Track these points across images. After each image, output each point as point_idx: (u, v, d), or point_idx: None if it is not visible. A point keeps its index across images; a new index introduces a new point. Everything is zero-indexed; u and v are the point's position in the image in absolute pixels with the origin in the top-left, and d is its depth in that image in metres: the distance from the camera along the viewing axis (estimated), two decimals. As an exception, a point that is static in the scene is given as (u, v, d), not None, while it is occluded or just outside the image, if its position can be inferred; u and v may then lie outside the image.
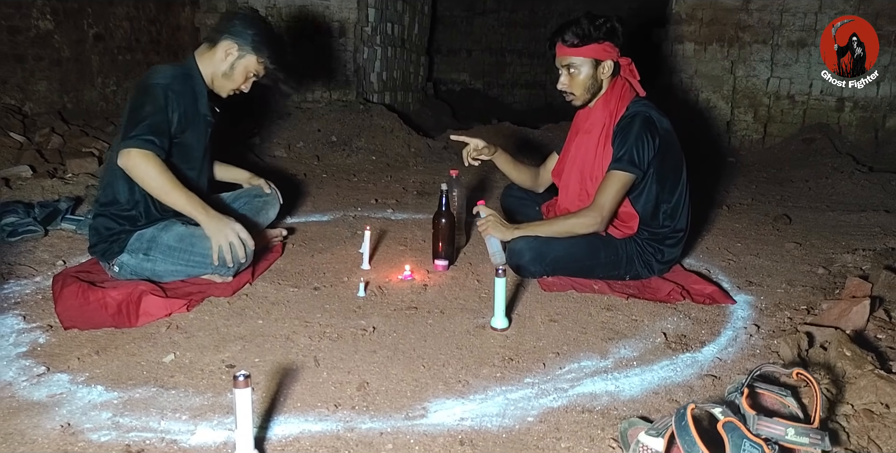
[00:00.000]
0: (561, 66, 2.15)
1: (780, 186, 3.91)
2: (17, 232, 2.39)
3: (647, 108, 2.13)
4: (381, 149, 4.48)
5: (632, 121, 2.10)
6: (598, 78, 2.14)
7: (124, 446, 1.26)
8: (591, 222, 2.10)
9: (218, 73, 2.13)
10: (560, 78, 2.16)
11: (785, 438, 1.15)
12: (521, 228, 2.17)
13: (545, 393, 1.51)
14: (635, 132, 2.08)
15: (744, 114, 5.03)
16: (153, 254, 2.02)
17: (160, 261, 2.02)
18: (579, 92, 2.16)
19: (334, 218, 3.04)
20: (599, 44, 2.08)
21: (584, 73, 2.12)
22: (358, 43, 5.01)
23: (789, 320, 1.93)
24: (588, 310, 1.99)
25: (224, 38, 2.10)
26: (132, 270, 2.02)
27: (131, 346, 1.68)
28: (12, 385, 1.47)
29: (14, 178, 3.00)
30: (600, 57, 2.10)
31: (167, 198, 1.95)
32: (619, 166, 2.08)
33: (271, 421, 1.36)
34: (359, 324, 1.86)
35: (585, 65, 2.11)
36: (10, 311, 1.86)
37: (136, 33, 4.63)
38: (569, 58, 2.12)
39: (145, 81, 2.01)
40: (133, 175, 1.93)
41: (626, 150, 2.07)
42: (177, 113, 2.01)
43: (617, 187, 2.08)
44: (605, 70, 2.13)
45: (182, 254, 2.02)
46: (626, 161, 2.07)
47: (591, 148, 2.19)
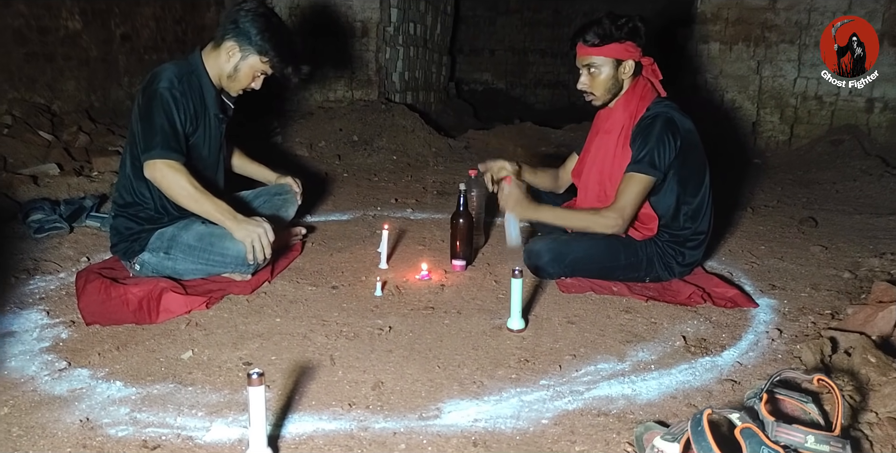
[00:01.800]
0: (581, 66, 2.13)
1: (807, 188, 3.83)
2: (44, 228, 2.44)
3: (668, 109, 2.10)
4: (402, 148, 4.49)
5: (652, 122, 2.07)
6: (619, 78, 2.12)
7: (141, 441, 1.27)
8: (610, 223, 2.07)
9: (223, 74, 2.11)
10: (580, 78, 2.15)
11: (804, 446, 1.13)
12: (540, 210, 2.16)
13: (561, 395, 1.50)
14: (656, 133, 2.05)
15: (770, 115, 4.94)
16: (174, 253, 2.04)
17: (180, 259, 2.04)
18: (599, 92, 2.14)
19: (354, 217, 3.05)
20: (621, 43, 2.06)
21: (604, 73, 2.10)
22: (380, 43, 5.03)
23: (813, 325, 1.89)
24: (606, 313, 1.97)
25: (227, 39, 2.07)
26: (153, 268, 2.05)
27: (151, 343, 1.71)
28: (35, 379, 1.50)
29: (42, 176, 3.06)
30: (621, 57, 2.08)
31: (196, 206, 1.98)
32: (639, 168, 2.05)
33: (286, 419, 1.37)
34: (375, 323, 1.86)
35: (606, 65, 2.09)
36: (35, 307, 1.90)
37: (161, 33, 4.69)
38: (589, 57, 2.10)
39: (151, 86, 1.99)
40: (161, 186, 1.96)
41: (646, 152, 2.05)
42: (186, 114, 2.02)
43: (637, 189, 2.06)
44: (626, 70, 2.10)
45: (202, 253, 2.04)
46: (645, 163, 2.04)
47: (611, 148, 2.16)
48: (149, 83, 2.01)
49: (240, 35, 2.06)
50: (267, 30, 2.06)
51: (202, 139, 2.12)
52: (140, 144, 1.97)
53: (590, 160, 2.25)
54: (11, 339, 1.69)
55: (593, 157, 2.23)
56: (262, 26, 2.06)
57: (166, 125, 1.95)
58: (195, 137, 2.09)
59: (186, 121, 2.03)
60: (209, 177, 2.17)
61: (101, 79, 4.22)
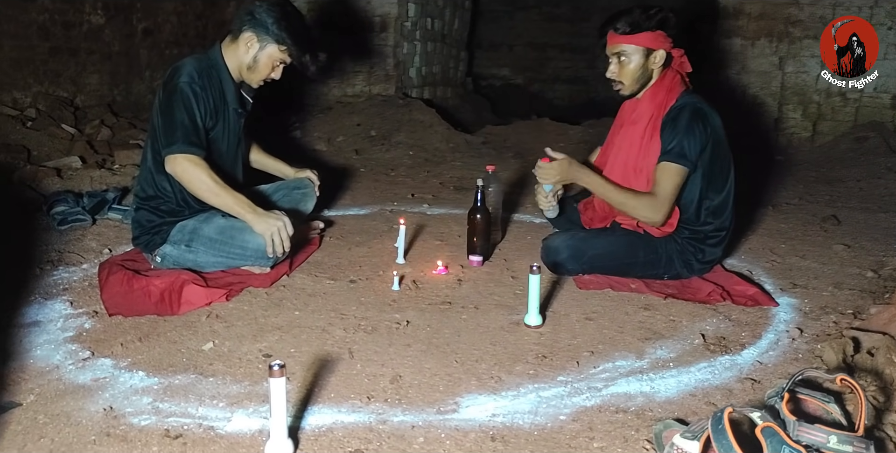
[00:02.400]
0: (611, 55, 2.10)
1: (830, 186, 3.78)
2: (67, 220, 2.48)
3: (697, 101, 2.08)
4: (419, 143, 4.49)
5: (681, 112, 2.04)
6: (649, 68, 2.09)
7: (163, 430, 1.29)
8: (650, 213, 2.03)
9: (243, 66, 2.13)
10: (609, 66, 2.11)
11: (827, 446, 1.12)
12: (588, 174, 2.08)
13: (578, 391, 1.50)
14: (685, 124, 2.02)
15: (792, 112, 4.87)
16: (195, 246, 2.06)
17: (201, 252, 2.07)
18: (628, 81, 2.10)
19: (372, 212, 3.06)
20: (652, 32, 2.03)
21: (634, 61, 2.07)
22: (398, 38, 5.03)
23: (835, 324, 1.87)
24: (625, 309, 1.96)
25: (244, 30, 2.09)
26: (174, 261, 2.07)
27: (172, 334, 1.73)
28: (59, 368, 1.53)
29: (65, 169, 3.10)
30: (652, 46, 2.05)
31: (216, 200, 2.00)
32: (670, 158, 2.02)
33: (305, 411, 1.38)
34: (393, 317, 1.87)
35: (636, 53, 2.06)
36: (59, 297, 1.93)
37: (183, 28, 4.73)
38: (620, 45, 2.07)
39: (172, 81, 2.02)
40: (181, 180, 1.99)
41: (676, 142, 2.01)
42: (206, 109, 2.04)
43: (674, 180, 2.02)
44: (657, 60, 2.07)
45: (222, 245, 2.06)
46: (675, 153, 2.01)
47: (636, 140, 2.13)
48: (169, 78, 2.03)
49: (257, 25, 2.08)
50: (283, 18, 2.09)
51: (221, 134, 2.14)
52: (161, 139, 1.99)
53: (614, 152, 2.22)
54: (37, 329, 1.72)
55: (618, 149, 2.20)
56: (278, 15, 2.08)
57: (186, 120, 1.98)
58: (214, 132, 2.11)
59: (206, 116, 2.05)
60: (228, 171, 2.19)
61: (124, 73, 4.27)
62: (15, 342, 1.64)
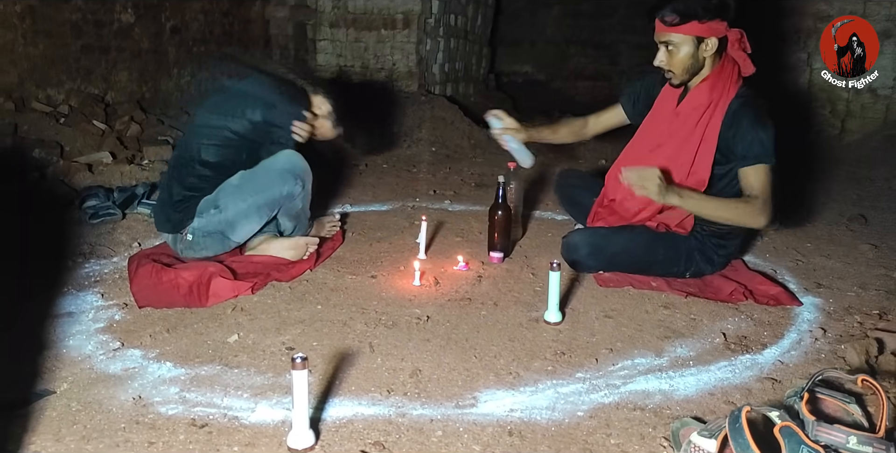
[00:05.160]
0: (659, 42, 1.99)
1: (858, 185, 3.71)
2: (98, 214, 2.55)
3: (754, 97, 2.00)
4: (441, 140, 4.50)
5: (745, 107, 1.96)
6: (700, 56, 1.97)
7: (190, 420, 1.33)
8: (755, 219, 1.93)
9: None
10: (658, 54, 2.01)
11: (846, 446, 1.11)
12: (683, 197, 1.92)
13: (596, 388, 1.51)
14: (757, 119, 1.93)
15: (820, 109, 4.79)
16: (222, 203, 2.11)
17: (230, 205, 2.10)
18: (679, 70, 2.00)
19: (393, 208, 3.09)
20: (702, 22, 1.91)
21: (683, 51, 1.95)
22: (421, 34, 5.04)
23: (859, 325, 1.85)
24: (645, 308, 1.96)
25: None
26: (204, 231, 2.11)
27: (199, 326, 1.77)
28: (91, 358, 1.58)
29: (96, 164, 3.18)
30: (703, 34, 1.93)
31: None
32: (757, 160, 1.92)
33: (326, 403, 1.41)
34: (413, 312, 1.90)
35: (686, 43, 1.94)
36: (91, 289, 1.99)
37: (210, 26, 4.80)
38: (667, 34, 1.95)
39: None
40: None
41: (753, 141, 1.93)
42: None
43: (767, 179, 1.91)
44: (709, 48, 1.95)
45: (248, 184, 2.11)
46: (759, 153, 1.92)
47: (684, 133, 2.04)
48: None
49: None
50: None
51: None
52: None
53: (654, 145, 2.12)
54: (69, 320, 1.78)
55: (666, 138, 2.09)
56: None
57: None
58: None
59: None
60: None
61: (152, 70, 4.36)
62: (49, 332, 1.70)
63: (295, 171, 2.15)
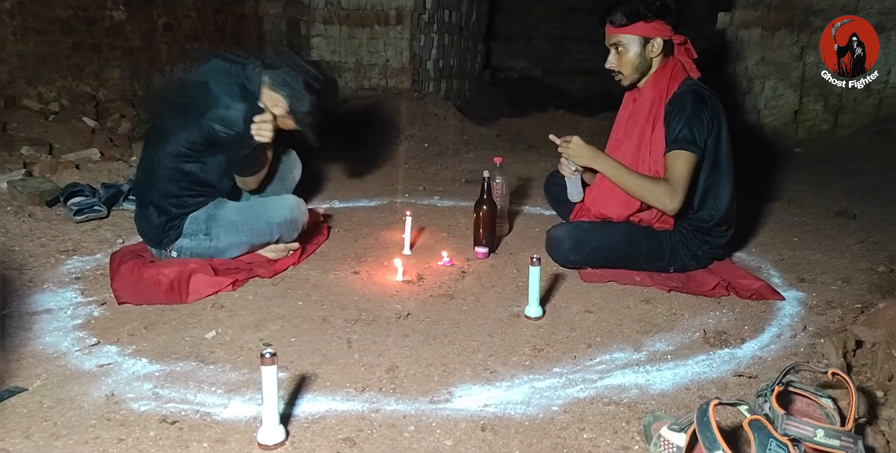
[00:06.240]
0: (609, 45, 2.11)
1: (847, 179, 3.70)
2: (83, 211, 2.54)
3: (699, 87, 2.05)
4: (433, 136, 4.50)
5: (684, 98, 2.02)
6: (647, 56, 2.08)
7: (161, 416, 1.33)
8: (666, 200, 1.98)
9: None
10: (609, 57, 2.11)
11: (814, 440, 1.11)
12: (600, 159, 2.08)
13: (573, 383, 1.50)
14: (691, 110, 1.99)
15: (813, 103, 4.77)
16: (214, 232, 2.10)
17: (223, 236, 2.10)
18: (627, 71, 2.10)
19: (381, 204, 3.08)
20: (647, 22, 2.02)
21: (631, 51, 2.06)
22: (415, 30, 5.03)
23: (840, 320, 1.85)
24: (626, 302, 1.96)
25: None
26: (192, 252, 2.10)
27: (178, 322, 1.77)
28: (66, 354, 1.58)
29: (83, 161, 3.17)
30: (648, 34, 2.04)
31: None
32: (680, 145, 1.99)
33: (300, 399, 1.41)
34: (394, 308, 1.89)
35: (633, 43, 2.06)
36: (71, 286, 1.99)
37: (202, 23, 4.79)
38: (616, 36, 2.07)
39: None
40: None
41: (684, 130, 1.98)
42: None
43: (686, 167, 1.98)
44: (654, 48, 2.06)
45: (245, 225, 2.10)
46: (684, 140, 1.98)
47: (639, 129, 2.11)
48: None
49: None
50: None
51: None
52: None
53: (618, 145, 2.20)
54: (47, 316, 1.77)
55: (623, 138, 2.18)
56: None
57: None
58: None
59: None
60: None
61: (144, 68, 4.34)
62: (26, 329, 1.69)
63: (294, 225, 2.16)
